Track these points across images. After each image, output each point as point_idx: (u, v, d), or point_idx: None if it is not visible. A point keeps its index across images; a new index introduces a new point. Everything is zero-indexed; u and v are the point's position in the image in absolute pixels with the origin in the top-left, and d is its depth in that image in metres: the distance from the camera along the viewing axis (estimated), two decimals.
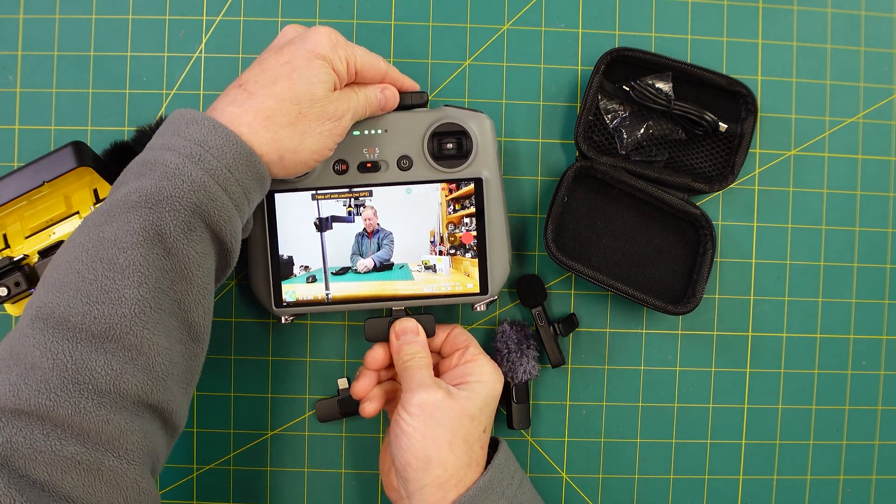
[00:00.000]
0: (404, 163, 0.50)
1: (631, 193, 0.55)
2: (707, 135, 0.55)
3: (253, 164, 0.41)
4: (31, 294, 0.49)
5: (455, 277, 0.50)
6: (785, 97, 0.57)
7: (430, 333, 0.51)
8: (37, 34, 0.55)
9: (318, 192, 0.49)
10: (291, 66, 0.42)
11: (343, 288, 0.50)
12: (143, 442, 0.37)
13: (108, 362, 0.36)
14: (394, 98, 0.49)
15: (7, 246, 0.50)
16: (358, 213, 0.50)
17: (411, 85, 0.50)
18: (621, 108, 0.55)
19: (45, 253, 0.49)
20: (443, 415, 0.45)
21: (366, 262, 0.50)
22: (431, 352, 0.50)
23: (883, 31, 0.58)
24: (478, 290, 0.51)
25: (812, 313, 0.57)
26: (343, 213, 0.50)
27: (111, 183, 0.50)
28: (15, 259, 0.49)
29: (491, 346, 0.55)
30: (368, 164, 0.50)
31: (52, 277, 0.38)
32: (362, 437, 0.56)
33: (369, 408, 0.50)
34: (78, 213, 0.51)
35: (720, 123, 0.54)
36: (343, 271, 0.50)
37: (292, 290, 0.50)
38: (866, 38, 0.58)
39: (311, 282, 0.50)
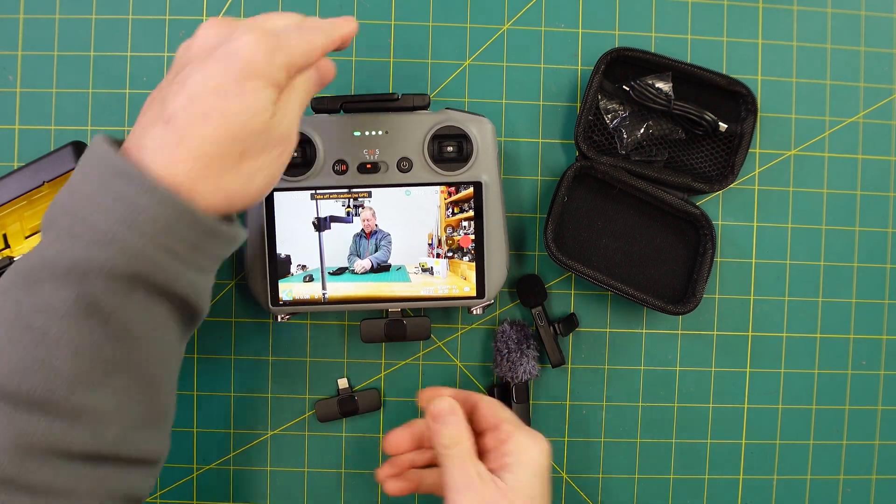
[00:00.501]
0: (404, 165, 0.50)
1: (631, 193, 0.55)
2: (707, 135, 0.55)
3: (197, 222, 0.35)
4: None
5: (452, 280, 0.50)
6: (785, 97, 0.57)
7: (425, 336, 0.51)
8: (37, 34, 0.55)
9: (318, 191, 0.49)
10: (222, 94, 0.35)
11: (340, 288, 0.50)
12: (101, 486, 0.35)
13: (49, 426, 0.33)
14: (328, 70, 0.41)
15: (7, 246, 0.50)
16: (356, 214, 0.50)
17: (349, 29, 0.41)
18: (621, 108, 0.55)
19: None
20: None
21: (363, 264, 0.50)
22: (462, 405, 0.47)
23: (883, 31, 0.58)
24: (474, 294, 0.50)
25: (812, 313, 0.57)
26: (342, 213, 0.50)
27: None
28: (15, 259, 0.49)
29: (491, 346, 0.55)
30: (368, 165, 0.50)
31: None
32: (362, 437, 0.56)
33: (393, 487, 0.48)
34: None
35: (720, 123, 0.54)
36: (340, 271, 0.50)
37: (289, 289, 0.50)
38: (866, 38, 0.58)
39: (308, 281, 0.50)
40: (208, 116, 0.35)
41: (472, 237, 0.50)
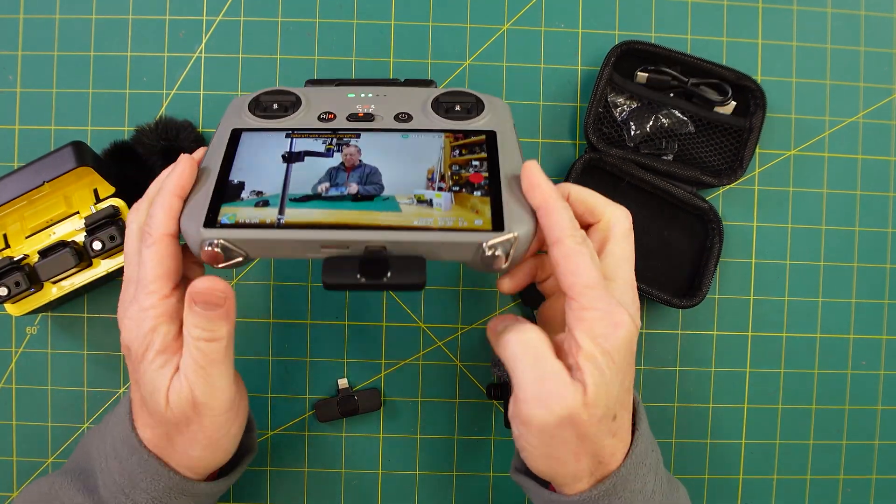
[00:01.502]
0: (403, 116, 0.41)
1: (639, 186, 0.55)
2: (724, 102, 0.54)
3: (185, 489, 0.38)
4: (31, 294, 0.49)
5: (458, 213, 0.36)
6: (785, 97, 0.57)
7: (417, 280, 0.33)
8: (37, 34, 0.55)
9: (295, 131, 0.40)
10: (135, 385, 0.38)
11: (302, 214, 0.35)
12: None
13: None
14: (218, 291, 0.36)
15: (7, 246, 0.50)
16: (338, 150, 0.39)
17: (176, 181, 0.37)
18: (629, 101, 0.55)
19: (46, 253, 0.49)
20: (556, 432, 0.35)
21: (351, 187, 0.37)
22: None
23: (883, 31, 0.58)
24: (490, 227, 0.35)
25: (812, 313, 0.57)
26: (321, 150, 0.39)
27: (111, 183, 0.50)
28: (15, 259, 0.49)
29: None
30: (360, 115, 0.41)
31: None
32: (362, 437, 0.56)
33: (507, 285, 0.42)
34: (78, 212, 0.51)
35: (731, 101, 0.54)
36: (307, 199, 0.36)
37: (233, 213, 0.35)
38: (866, 38, 0.58)
39: (262, 206, 0.36)
40: (139, 406, 0.38)
41: (486, 174, 0.37)
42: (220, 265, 0.35)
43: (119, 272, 0.51)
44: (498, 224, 0.35)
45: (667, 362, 0.57)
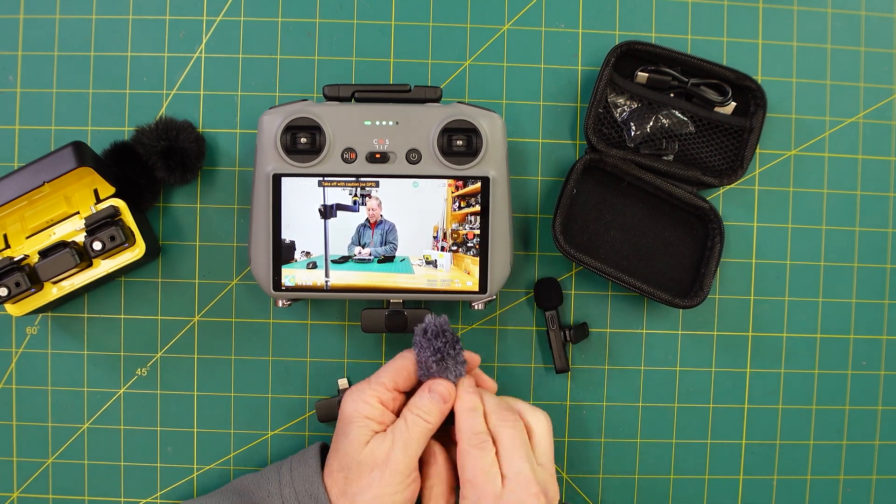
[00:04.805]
0: (413, 156, 0.50)
1: (640, 187, 0.55)
2: (725, 102, 0.55)
3: None
4: (31, 294, 0.49)
5: (455, 274, 0.50)
6: (785, 97, 0.57)
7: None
8: (37, 34, 0.55)
9: (325, 178, 0.49)
10: (336, 436, 0.46)
11: (342, 277, 0.50)
12: None
13: None
14: (447, 391, 0.45)
15: (7, 246, 0.50)
16: (363, 203, 0.50)
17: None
18: (629, 102, 0.55)
19: (46, 253, 0.49)
20: None
21: (364, 253, 0.50)
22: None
23: (883, 31, 0.58)
24: (477, 289, 0.51)
25: (812, 313, 0.57)
26: (348, 201, 0.50)
27: (111, 183, 0.50)
28: (15, 259, 0.49)
29: (490, 346, 0.55)
30: (377, 155, 0.50)
31: None
32: None
33: None
34: (78, 212, 0.51)
35: (731, 101, 0.54)
36: (343, 260, 0.50)
37: (292, 276, 0.50)
38: (866, 38, 0.58)
39: (312, 268, 0.50)
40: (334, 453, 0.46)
41: (477, 232, 0.50)
42: (286, 306, 0.52)
43: (119, 272, 0.51)
44: (483, 287, 0.50)
45: (667, 362, 0.57)
